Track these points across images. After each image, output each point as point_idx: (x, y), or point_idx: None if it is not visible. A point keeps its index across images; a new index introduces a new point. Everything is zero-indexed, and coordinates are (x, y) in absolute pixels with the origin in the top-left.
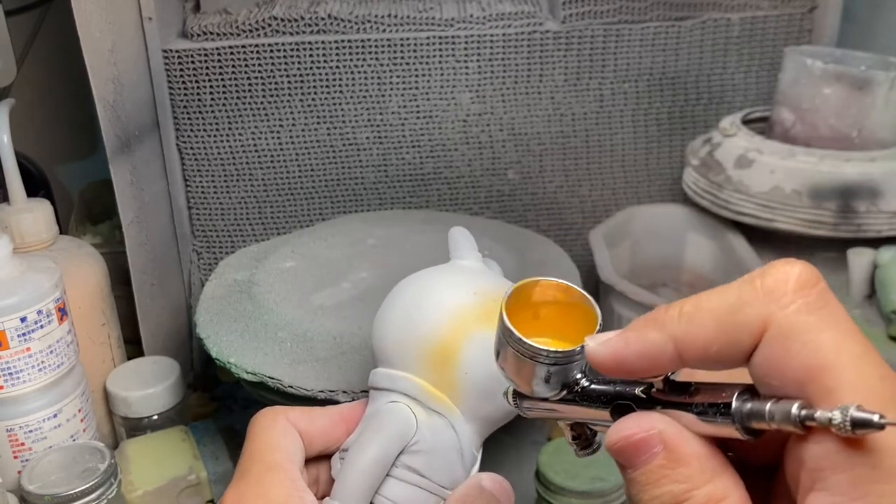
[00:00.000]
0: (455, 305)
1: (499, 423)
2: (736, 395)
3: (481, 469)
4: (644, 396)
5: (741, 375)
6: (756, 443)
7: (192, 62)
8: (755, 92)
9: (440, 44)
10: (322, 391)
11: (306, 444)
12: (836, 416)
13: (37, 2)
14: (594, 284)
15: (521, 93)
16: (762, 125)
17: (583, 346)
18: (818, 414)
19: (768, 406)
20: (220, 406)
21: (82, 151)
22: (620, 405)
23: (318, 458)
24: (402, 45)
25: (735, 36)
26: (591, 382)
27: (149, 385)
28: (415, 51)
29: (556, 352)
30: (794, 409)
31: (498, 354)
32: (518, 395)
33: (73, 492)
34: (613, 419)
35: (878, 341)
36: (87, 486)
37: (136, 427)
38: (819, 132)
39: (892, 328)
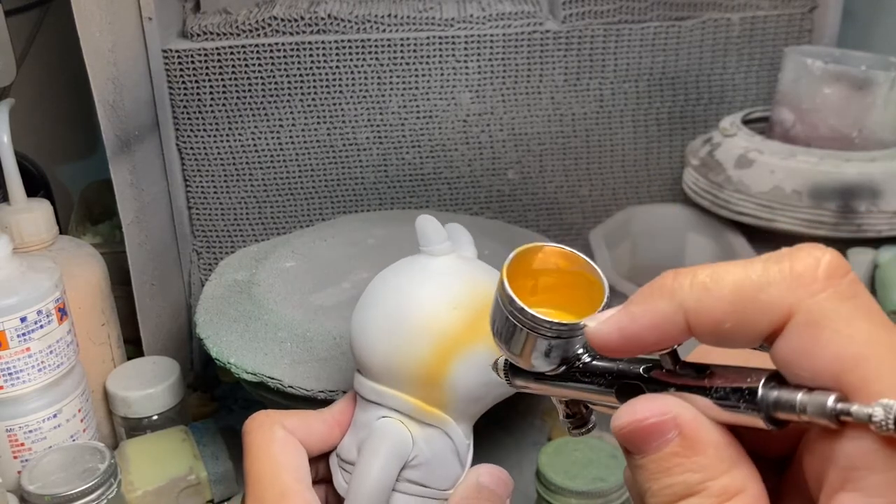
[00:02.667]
0: (438, 329)
1: (487, 408)
2: (763, 381)
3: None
4: (651, 376)
5: (759, 358)
6: (770, 434)
7: (192, 62)
8: (755, 92)
9: (440, 44)
10: (322, 391)
11: (305, 450)
12: (878, 412)
13: (37, 2)
14: None
15: (521, 93)
16: (762, 125)
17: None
18: (855, 409)
19: (799, 396)
20: (220, 406)
21: (82, 151)
22: (626, 385)
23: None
24: (402, 45)
25: (735, 36)
26: (594, 358)
27: (149, 385)
28: (415, 51)
29: (561, 324)
30: (831, 402)
31: (494, 324)
32: (511, 369)
33: (73, 492)
34: (620, 401)
35: None
36: (87, 486)
37: (136, 427)
38: (819, 132)
39: None
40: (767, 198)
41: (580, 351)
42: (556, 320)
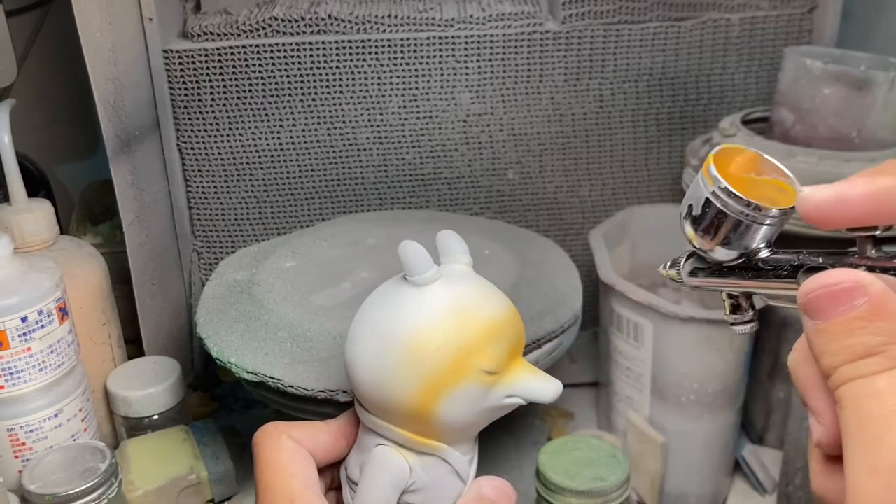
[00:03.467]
0: (423, 372)
1: (485, 425)
2: None
3: (482, 468)
4: (837, 261)
5: None
6: None
7: (193, 62)
8: (755, 92)
9: (440, 44)
10: (322, 391)
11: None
12: None
13: (37, 2)
14: (594, 284)
15: (521, 93)
16: (762, 125)
17: (782, 210)
18: None
19: None
20: (220, 406)
21: (83, 151)
22: (811, 268)
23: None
24: (402, 45)
25: (735, 36)
26: (773, 253)
27: (149, 385)
28: (415, 51)
29: (759, 206)
30: None
31: (690, 209)
32: (689, 262)
33: (73, 491)
34: (801, 282)
35: None
36: (88, 485)
37: (137, 427)
38: (819, 132)
39: None
40: None
41: (762, 245)
42: (756, 202)
